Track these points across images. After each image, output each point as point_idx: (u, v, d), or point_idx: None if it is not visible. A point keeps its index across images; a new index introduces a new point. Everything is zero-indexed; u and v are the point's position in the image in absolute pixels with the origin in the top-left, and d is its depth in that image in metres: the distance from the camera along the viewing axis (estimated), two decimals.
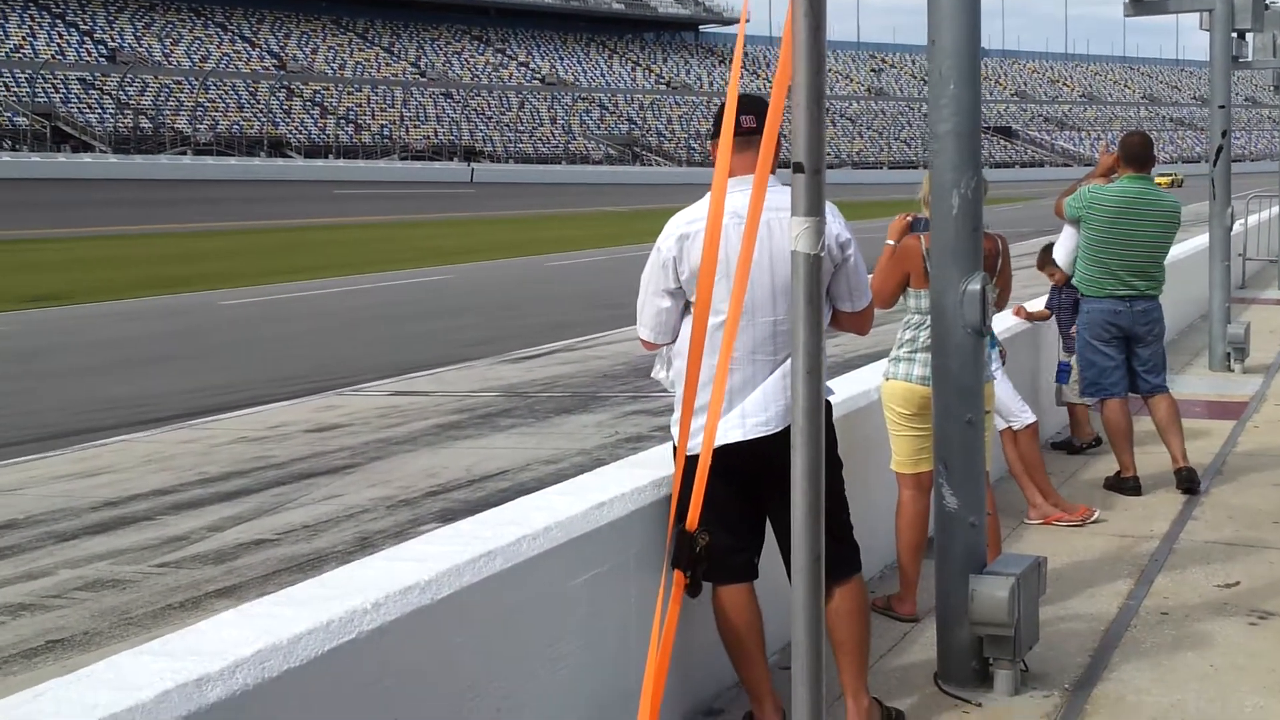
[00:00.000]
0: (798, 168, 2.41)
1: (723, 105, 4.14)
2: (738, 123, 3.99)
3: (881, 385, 5.60)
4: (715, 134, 4.06)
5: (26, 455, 9.98)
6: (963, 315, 4.68)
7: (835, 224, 4.06)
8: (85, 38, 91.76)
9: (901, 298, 5.44)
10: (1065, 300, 8.63)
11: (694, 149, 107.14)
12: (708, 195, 4.15)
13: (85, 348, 17.02)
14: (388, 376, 13.58)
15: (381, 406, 11.67)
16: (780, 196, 3.98)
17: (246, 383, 13.81)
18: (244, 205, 54.10)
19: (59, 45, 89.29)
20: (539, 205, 59.76)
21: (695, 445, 3.75)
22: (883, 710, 4.40)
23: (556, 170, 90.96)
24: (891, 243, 5.39)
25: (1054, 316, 8.78)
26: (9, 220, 43.33)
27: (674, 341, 4.25)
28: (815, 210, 2.44)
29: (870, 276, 4.49)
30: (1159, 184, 8.07)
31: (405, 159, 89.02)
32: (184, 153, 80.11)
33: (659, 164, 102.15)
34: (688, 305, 4.19)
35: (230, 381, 14.00)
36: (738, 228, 3.97)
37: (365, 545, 7.00)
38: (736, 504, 4.14)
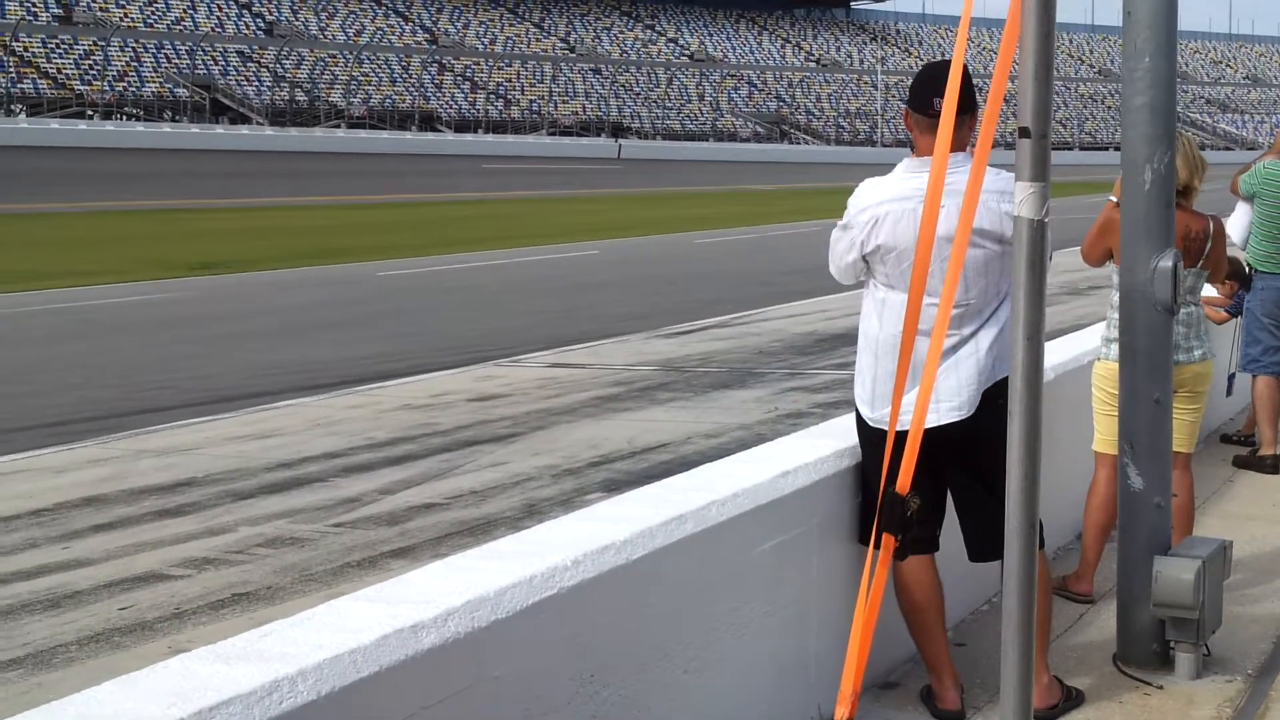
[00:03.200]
0: (1024, 132, 2.41)
1: (919, 75, 4.14)
2: (931, 103, 3.98)
3: (1095, 365, 5.48)
4: (912, 105, 4.05)
5: (201, 416, 10.28)
6: (1153, 293, 4.62)
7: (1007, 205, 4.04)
8: (244, 11, 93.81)
9: (1111, 275, 5.24)
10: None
11: (843, 127, 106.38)
12: (898, 173, 4.15)
13: (249, 315, 17.47)
14: (543, 349, 13.72)
15: (540, 378, 11.81)
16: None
17: (406, 351, 14.06)
18: (395, 179, 54.89)
19: (219, 18, 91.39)
20: (686, 182, 59.76)
21: (905, 421, 3.79)
22: (1063, 689, 4.37)
23: (704, 147, 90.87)
24: (1113, 199, 5.14)
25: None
26: (172, 190, 44.56)
27: (855, 285, 4.27)
28: (1040, 175, 2.44)
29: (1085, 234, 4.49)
30: None
31: (553, 134, 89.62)
32: (338, 126, 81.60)
33: (807, 142, 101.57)
34: (866, 269, 4.19)
35: (390, 350, 14.26)
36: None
37: (533, 512, 7.12)
38: (920, 477, 4.13)
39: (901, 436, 3.36)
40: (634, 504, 3.78)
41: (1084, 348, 6.23)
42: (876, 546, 3.49)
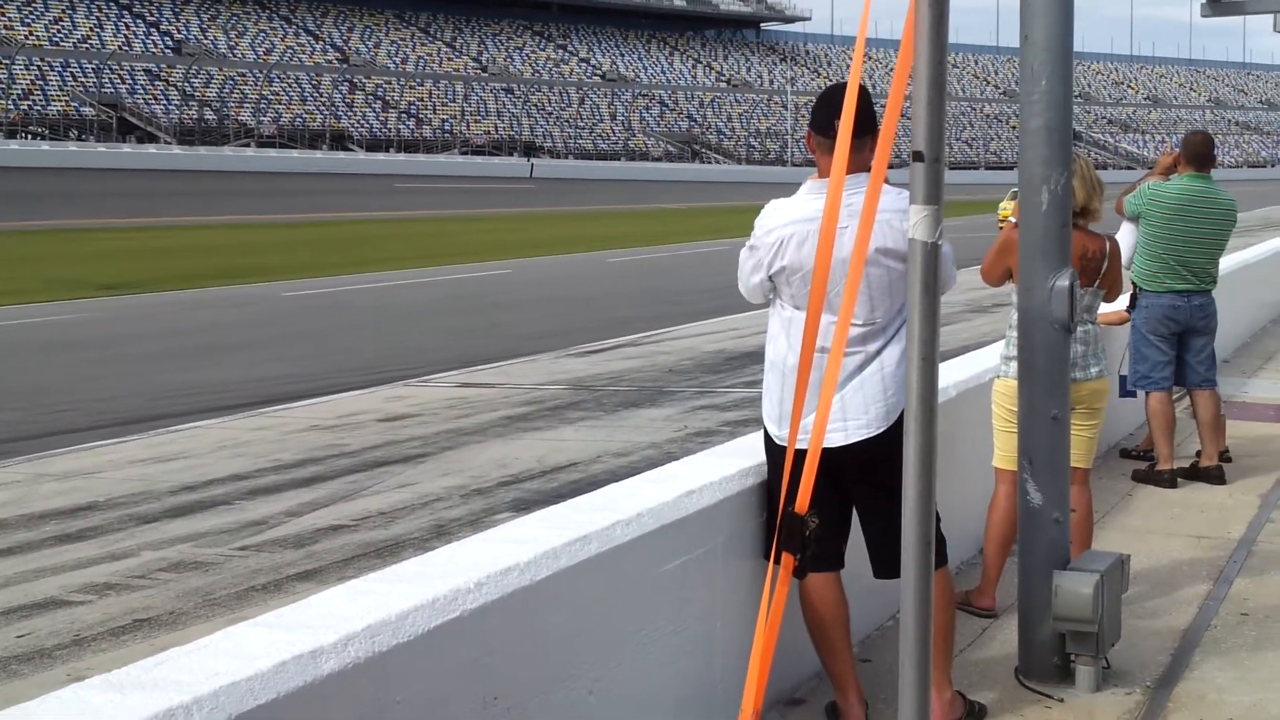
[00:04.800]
0: (917, 156, 2.44)
1: (821, 97, 4.18)
2: (832, 125, 4.02)
3: (995, 383, 5.55)
4: (814, 126, 4.09)
5: (102, 440, 10.13)
6: (1051, 311, 4.69)
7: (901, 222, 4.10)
8: (152, 29, 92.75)
9: (1011, 294, 5.31)
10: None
11: (753, 147, 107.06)
12: (801, 194, 4.19)
13: (154, 335, 17.25)
14: (453, 369, 13.66)
15: (449, 397, 11.76)
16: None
17: (313, 373, 13.95)
18: (306, 198, 54.50)
19: (126, 37, 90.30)
20: (598, 201, 59.88)
21: (803, 441, 3.82)
22: (966, 703, 4.42)
23: (616, 166, 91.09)
24: (1012, 220, 5.24)
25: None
26: (77, 209, 43.90)
27: (763, 304, 4.28)
28: (934, 198, 2.47)
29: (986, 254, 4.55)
30: None
31: (466, 154, 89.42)
32: (248, 145, 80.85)
33: (719, 161, 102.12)
34: (773, 289, 4.22)
35: (297, 371, 14.15)
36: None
37: (441, 533, 7.08)
38: (825, 494, 4.17)
39: (801, 455, 3.38)
40: (538, 525, 3.77)
41: (985, 365, 6.31)
42: (777, 564, 3.51)
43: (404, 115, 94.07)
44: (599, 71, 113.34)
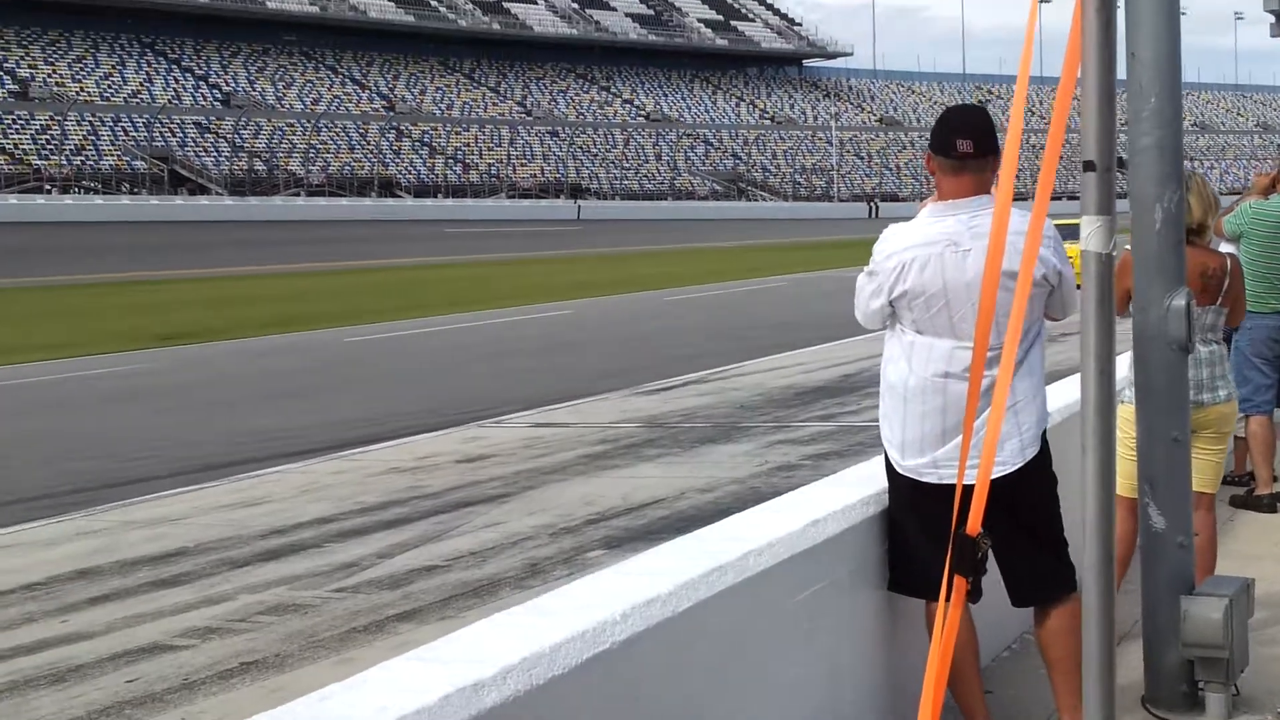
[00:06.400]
0: (1088, 166, 2.41)
1: (940, 119, 4.15)
2: (955, 146, 4.00)
3: (1120, 408, 5.46)
4: (935, 148, 4.06)
5: (185, 486, 10.18)
6: (1167, 331, 4.63)
7: (1048, 252, 4.05)
8: (200, 82, 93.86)
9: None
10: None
11: (799, 183, 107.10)
12: (922, 218, 4.14)
13: (221, 383, 17.36)
14: (524, 409, 13.67)
15: (525, 437, 11.75)
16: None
17: (385, 416, 13.98)
18: (356, 245, 54.88)
19: (175, 90, 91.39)
20: (646, 242, 59.99)
21: (945, 475, 3.79)
22: None
23: (663, 206, 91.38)
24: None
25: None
26: (132, 262, 44.34)
27: (880, 329, 4.25)
28: (1106, 208, 2.44)
29: None
30: None
31: (513, 197, 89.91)
32: (297, 194, 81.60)
33: (764, 199, 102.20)
34: (892, 316, 4.18)
35: (367, 415, 14.18)
36: (954, 254, 3.98)
37: (535, 571, 7.06)
38: (951, 523, 4.12)
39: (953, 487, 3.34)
40: (670, 556, 3.73)
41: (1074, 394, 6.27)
42: (949, 593, 3.45)
43: (451, 161, 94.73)
44: (643, 112, 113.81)
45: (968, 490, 3.82)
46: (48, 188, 73.06)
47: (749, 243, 59.24)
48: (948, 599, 3.39)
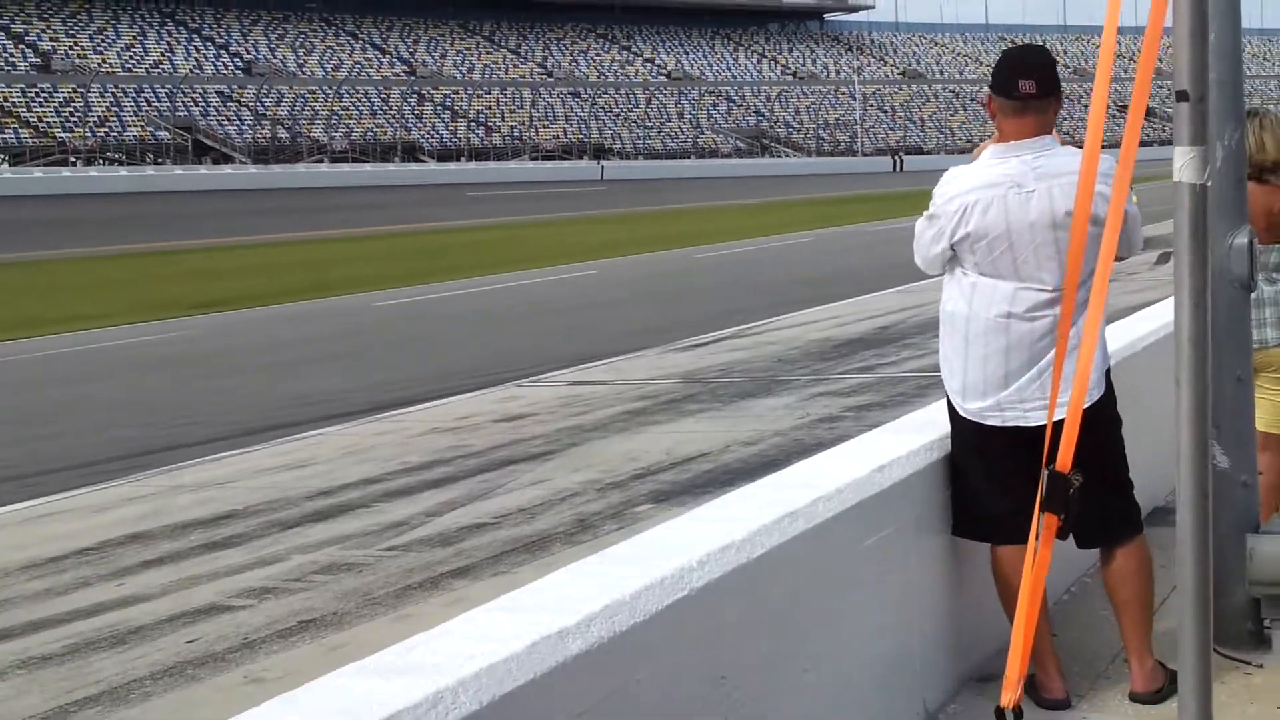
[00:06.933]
0: (1181, 95, 2.37)
1: (1001, 59, 4.10)
2: (1016, 86, 3.96)
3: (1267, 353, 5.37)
4: (996, 89, 4.02)
5: (228, 450, 10.21)
6: (1230, 269, 4.58)
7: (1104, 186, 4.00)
8: (221, 51, 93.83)
9: None
10: None
11: (823, 138, 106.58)
12: (984, 160, 4.10)
13: (257, 349, 17.40)
14: (559, 368, 13.66)
15: (563, 395, 11.75)
16: (1062, 162, 3.95)
17: (420, 378, 14.00)
18: (382, 210, 54.83)
19: (196, 60, 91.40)
20: (670, 200, 59.80)
21: (1009, 418, 3.78)
22: (1166, 672, 4.32)
23: (686, 165, 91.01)
24: None
25: None
26: (161, 232, 44.41)
27: (940, 273, 4.22)
28: (1199, 139, 2.40)
29: None
30: None
31: (536, 159, 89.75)
32: (320, 161, 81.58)
33: (788, 155, 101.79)
34: (952, 260, 4.14)
35: (404, 377, 14.21)
36: (1017, 196, 3.95)
37: (585, 527, 7.07)
38: (1016, 466, 4.10)
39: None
40: (739, 504, 3.73)
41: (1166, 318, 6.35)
42: (1038, 532, 3.44)
43: (473, 124, 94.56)
44: (664, 71, 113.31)
45: (1053, 427, 3.80)
46: (73, 160, 73.20)
47: (774, 199, 59.05)
48: (1038, 537, 3.36)
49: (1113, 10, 3.15)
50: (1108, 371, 4.21)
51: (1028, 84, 3.96)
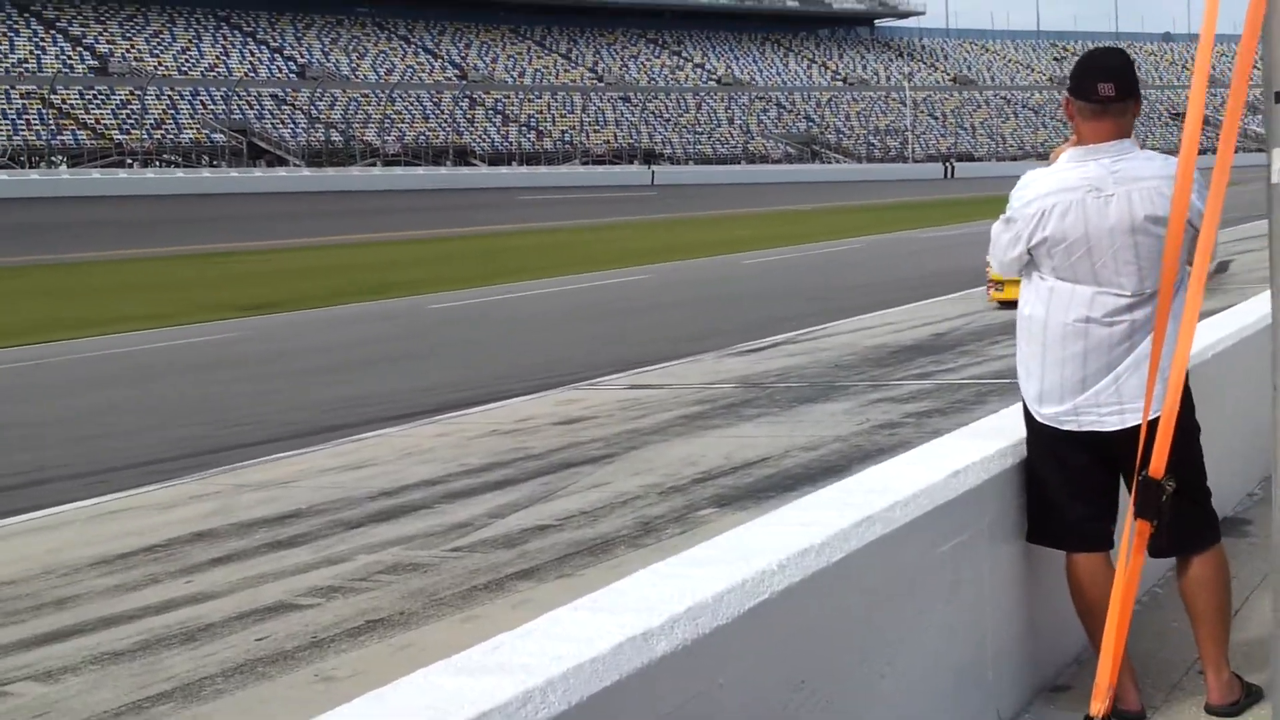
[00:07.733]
0: (1278, 97, 2.35)
1: (1080, 63, 4.08)
2: (1095, 89, 3.94)
3: None
4: (1075, 92, 3.99)
5: (290, 450, 10.28)
6: None
7: (1193, 195, 3.97)
8: (275, 55, 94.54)
9: None
10: None
11: (873, 144, 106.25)
12: (1062, 163, 4.08)
13: (310, 351, 17.53)
14: (615, 371, 13.68)
15: (621, 399, 11.77)
16: (1141, 166, 3.92)
17: (476, 380, 14.06)
18: (434, 214, 55.11)
19: (251, 63, 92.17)
20: (721, 205, 59.78)
21: (1084, 422, 3.76)
22: (1243, 685, 4.28)
23: (736, 170, 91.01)
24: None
25: None
26: (217, 234, 44.80)
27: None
28: None
29: None
30: None
31: (586, 164, 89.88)
32: (373, 164, 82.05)
33: (838, 161, 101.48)
34: (1029, 264, 4.13)
35: (460, 379, 14.28)
36: (1095, 200, 3.93)
37: (648, 530, 7.07)
38: (1093, 472, 4.08)
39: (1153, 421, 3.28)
40: (816, 508, 3.72)
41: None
42: (1130, 539, 3.42)
43: (524, 128, 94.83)
44: (714, 76, 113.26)
45: (1133, 432, 3.77)
46: (129, 161, 73.94)
47: (824, 205, 58.91)
48: (1130, 544, 3.34)
49: (1211, 10, 3.14)
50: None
51: (1106, 87, 3.93)
